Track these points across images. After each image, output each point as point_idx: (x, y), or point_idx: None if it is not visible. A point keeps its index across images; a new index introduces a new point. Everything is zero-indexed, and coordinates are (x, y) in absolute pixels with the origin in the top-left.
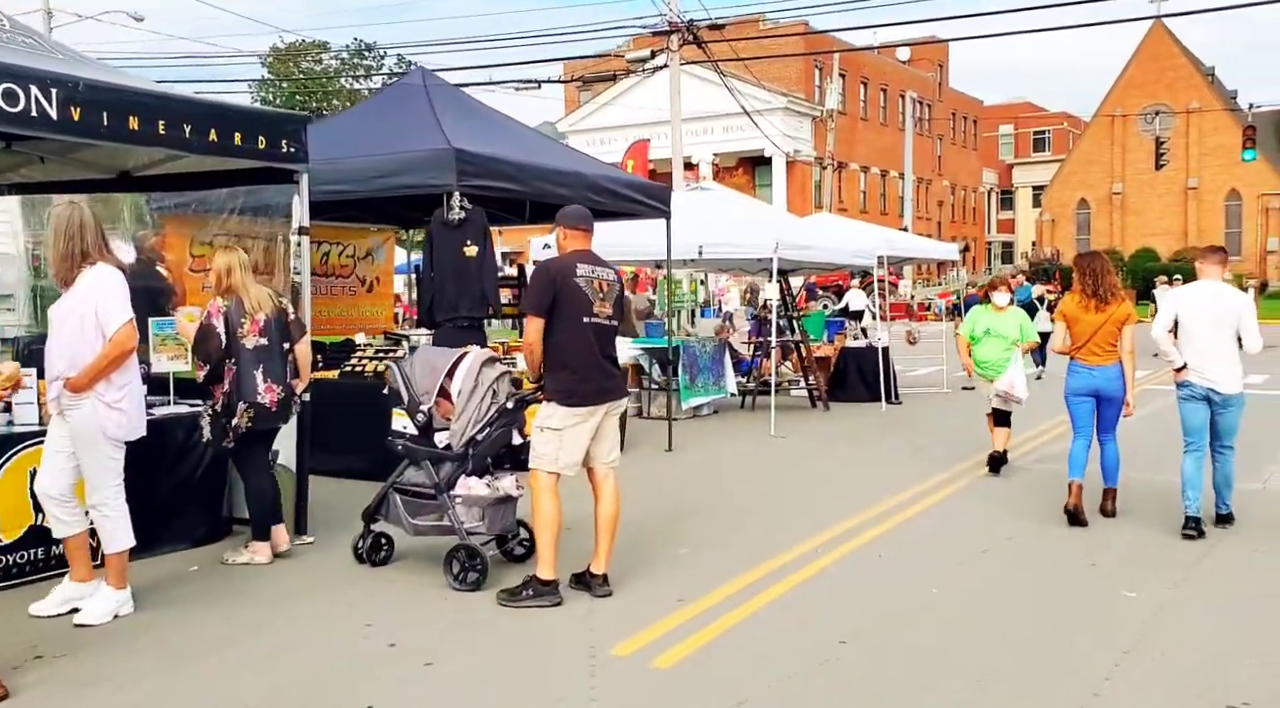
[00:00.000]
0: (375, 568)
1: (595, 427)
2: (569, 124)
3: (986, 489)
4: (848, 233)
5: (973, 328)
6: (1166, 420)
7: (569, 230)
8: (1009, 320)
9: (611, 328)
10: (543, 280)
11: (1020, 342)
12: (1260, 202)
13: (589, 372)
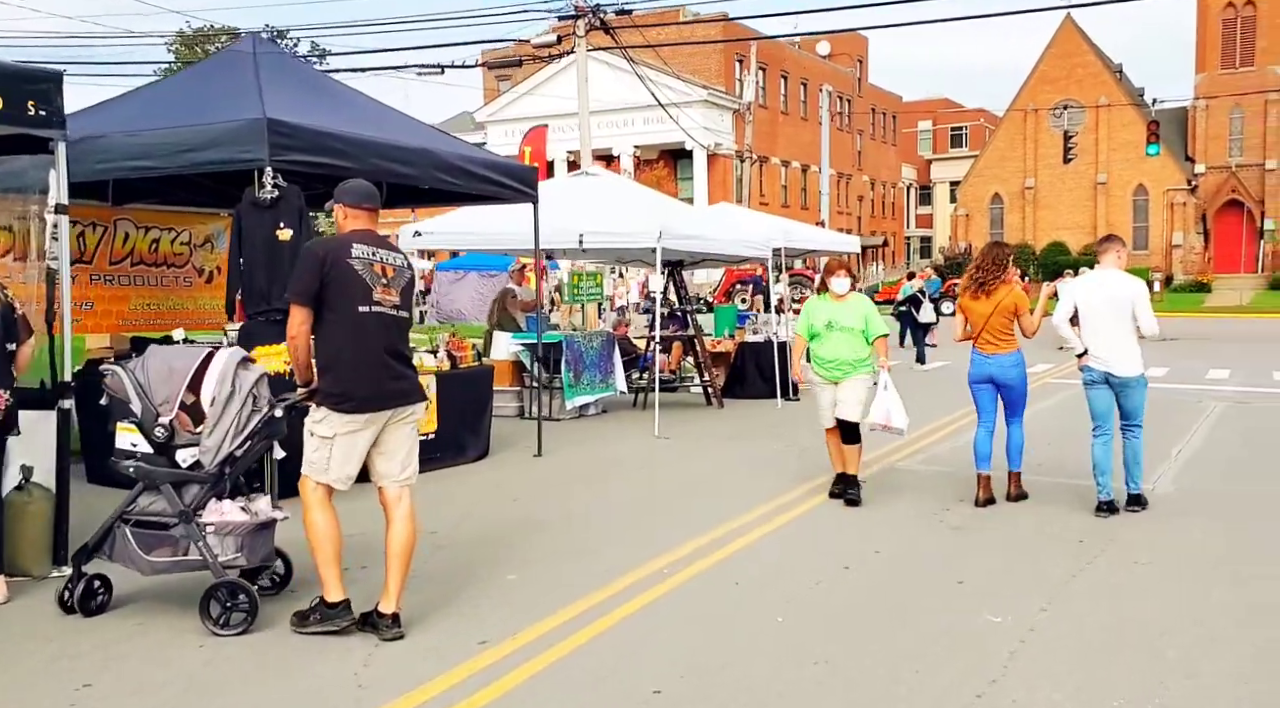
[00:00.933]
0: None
1: (374, 437)
2: (487, 114)
3: (871, 493)
4: (744, 224)
5: (810, 322)
6: (1072, 410)
7: (350, 209)
8: (852, 310)
9: (399, 320)
10: (309, 263)
11: (867, 335)
12: (1166, 197)
13: (366, 371)
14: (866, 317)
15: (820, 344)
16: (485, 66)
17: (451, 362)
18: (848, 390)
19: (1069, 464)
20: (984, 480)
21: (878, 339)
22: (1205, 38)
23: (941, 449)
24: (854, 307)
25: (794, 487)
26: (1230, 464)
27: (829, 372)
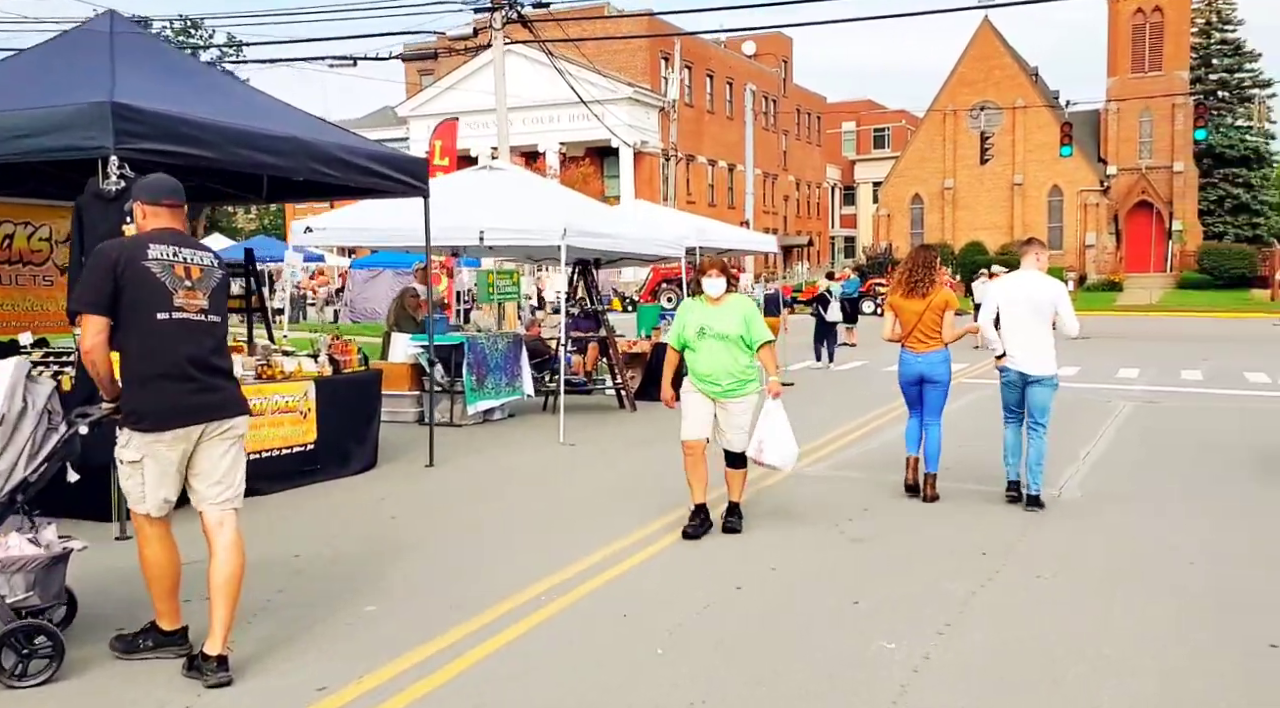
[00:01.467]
0: None
1: (184, 456)
2: (409, 108)
3: (773, 503)
4: (659, 222)
5: (680, 330)
6: (982, 412)
7: (148, 206)
8: (729, 315)
9: (207, 326)
10: (99, 266)
11: (749, 342)
12: (1079, 197)
13: (166, 385)
14: (746, 321)
15: (695, 356)
16: (400, 59)
17: (334, 366)
18: (732, 415)
19: (977, 468)
20: (913, 462)
21: (762, 348)
22: (1116, 43)
23: (852, 453)
24: (731, 310)
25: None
26: (1136, 467)
27: (708, 387)
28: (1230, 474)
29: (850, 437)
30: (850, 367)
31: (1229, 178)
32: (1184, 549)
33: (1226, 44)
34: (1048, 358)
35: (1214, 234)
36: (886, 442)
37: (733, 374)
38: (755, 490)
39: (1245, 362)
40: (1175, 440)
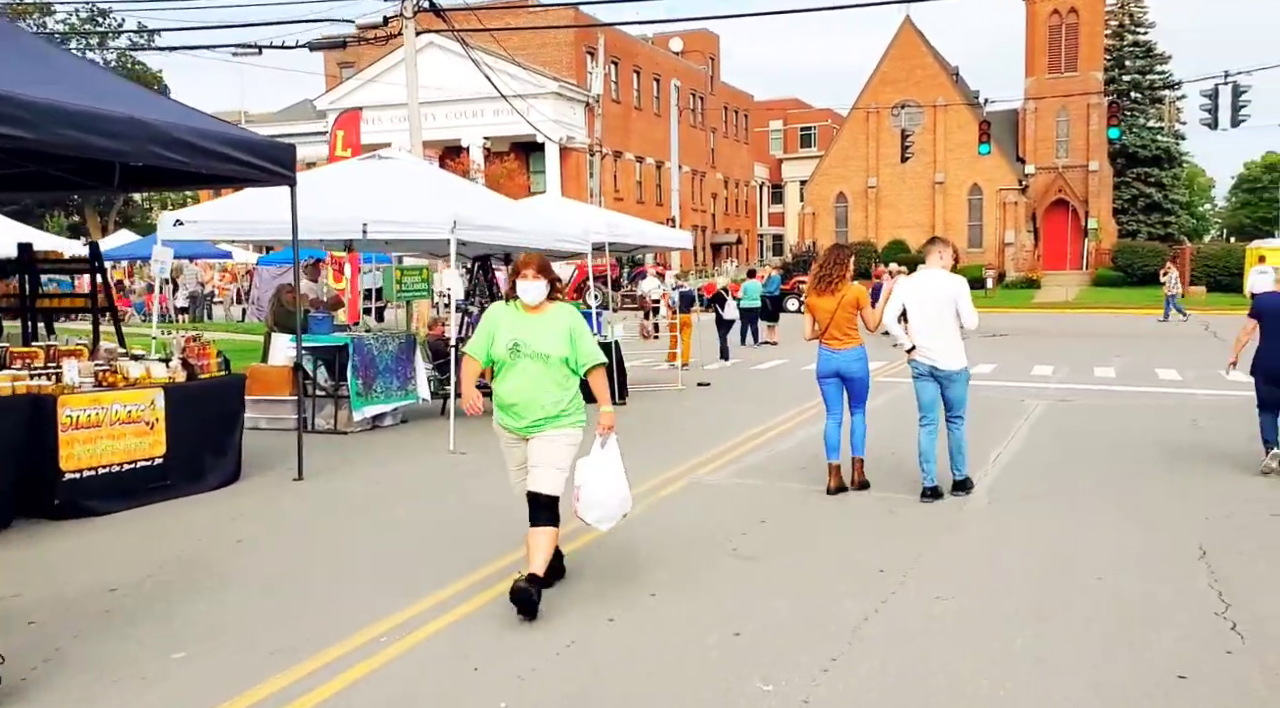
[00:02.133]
0: None
1: None
2: (329, 102)
3: (664, 519)
4: (566, 216)
5: (488, 344)
6: (896, 412)
7: None
8: (548, 329)
9: None
10: None
11: (573, 364)
12: (999, 196)
13: None
14: (572, 337)
15: (501, 380)
16: (308, 48)
17: (189, 372)
18: (542, 451)
19: (889, 471)
20: (834, 469)
21: (592, 372)
22: (1034, 43)
23: (758, 458)
24: (553, 323)
25: None
26: (1045, 471)
27: (514, 420)
28: (1139, 476)
29: (759, 440)
30: (769, 365)
31: (1142, 177)
32: (1091, 561)
33: (1139, 46)
34: (957, 352)
35: (1128, 232)
36: (797, 444)
37: (546, 407)
38: (646, 504)
39: (1157, 358)
40: (1085, 441)
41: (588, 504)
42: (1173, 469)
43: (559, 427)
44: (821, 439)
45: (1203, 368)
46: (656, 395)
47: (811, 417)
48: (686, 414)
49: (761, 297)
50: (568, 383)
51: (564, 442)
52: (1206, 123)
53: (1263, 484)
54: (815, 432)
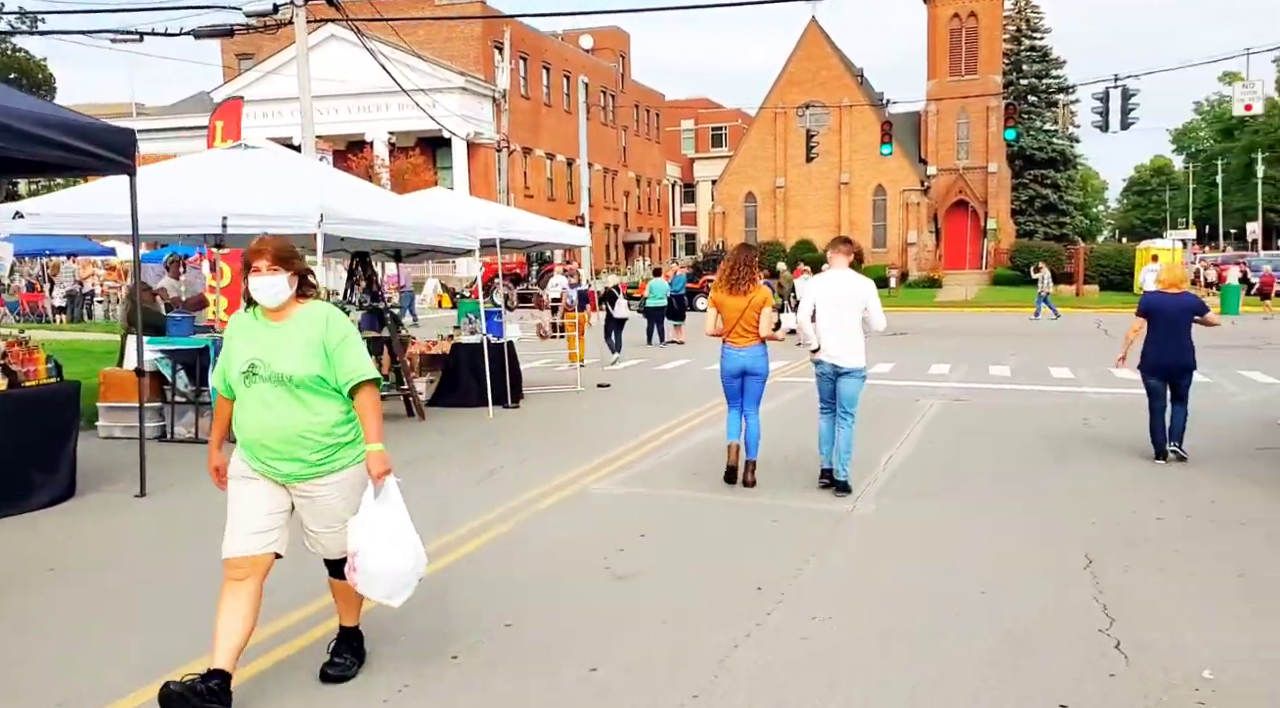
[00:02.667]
0: None
1: None
2: (225, 94)
3: (540, 530)
4: (450, 210)
5: (225, 367)
6: (790, 416)
7: None
8: (295, 340)
9: None
10: None
11: (334, 384)
12: (902, 197)
13: None
14: (324, 348)
15: (239, 411)
16: (193, 35)
17: (10, 378)
18: (318, 505)
19: (775, 477)
20: (734, 448)
21: (359, 390)
22: (935, 46)
23: (649, 464)
24: (300, 331)
25: (454, 528)
26: (936, 474)
27: (256, 457)
28: (1029, 479)
29: (652, 444)
30: (673, 365)
31: (1038, 179)
32: (977, 572)
33: (1035, 51)
34: (857, 351)
35: (1025, 232)
36: (691, 448)
37: (304, 440)
38: (521, 519)
39: (1050, 357)
40: (977, 444)
41: (370, 577)
42: (1062, 473)
43: (332, 468)
44: (714, 442)
45: (1094, 366)
46: (553, 397)
47: (710, 418)
48: (582, 417)
49: (669, 296)
50: (328, 411)
51: (342, 487)
52: (1098, 125)
53: (1149, 486)
54: (711, 434)
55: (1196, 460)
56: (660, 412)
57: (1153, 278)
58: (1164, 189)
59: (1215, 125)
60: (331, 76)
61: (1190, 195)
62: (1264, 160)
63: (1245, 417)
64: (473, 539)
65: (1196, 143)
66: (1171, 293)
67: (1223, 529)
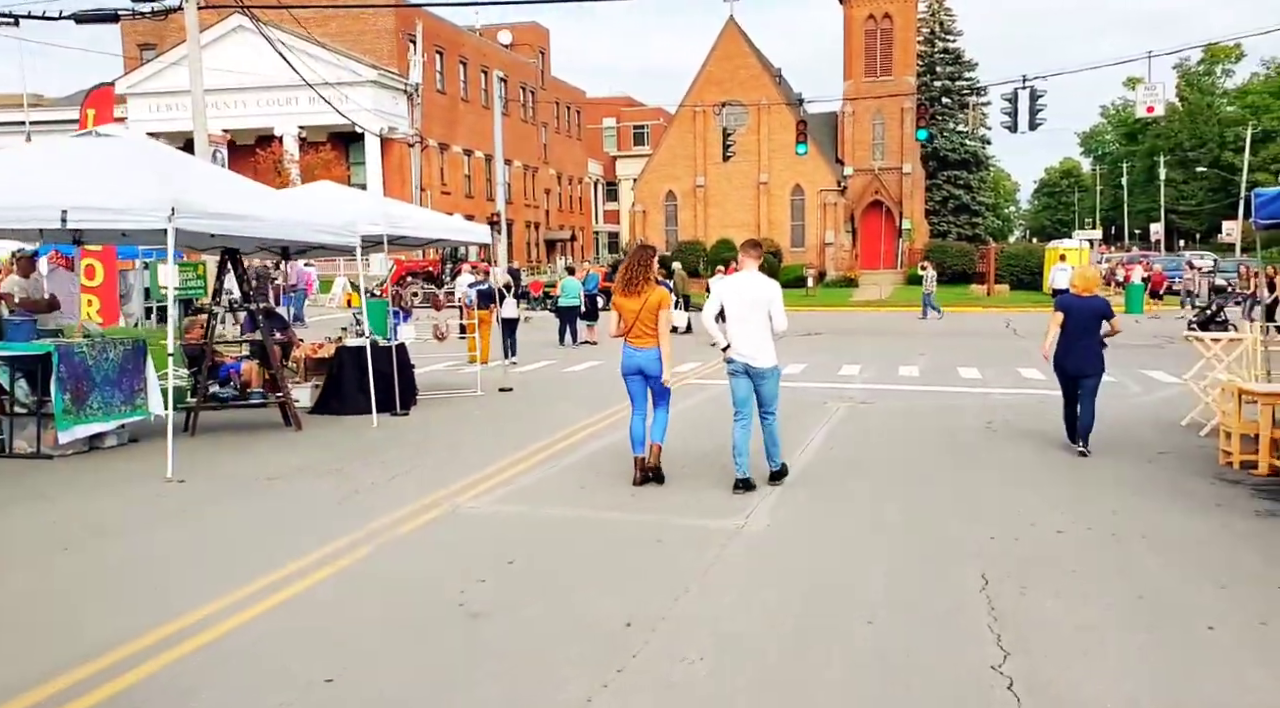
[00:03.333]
0: None
1: None
2: (128, 85)
3: (394, 560)
4: (329, 204)
5: None
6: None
7: None
8: None
9: None
10: None
11: None
12: (819, 197)
13: None
14: None
15: None
16: (74, 20)
17: None
18: None
19: (668, 485)
20: (639, 462)
21: None
22: (851, 47)
23: (535, 477)
24: None
25: (294, 559)
26: (833, 486)
27: None
28: (929, 489)
29: (544, 453)
30: (583, 367)
31: (952, 180)
32: (865, 599)
33: (948, 53)
34: (769, 351)
35: (939, 232)
36: (584, 458)
37: None
38: (378, 544)
39: (960, 357)
40: (879, 450)
41: None
42: (962, 481)
43: None
44: (609, 451)
45: (1001, 365)
46: (449, 403)
47: (612, 423)
48: (473, 424)
49: (582, 295)
50: None
51: None
52: (1006, 125)
53: (1049, 495)
54: (608, 442)
55: (1099, 466)
56: (559, 417)
57: (1063, 277)
58: (1073, 191)
59: (1120, 129)
60: (240, 68)
61: (1097, 197)
62: (1166, 163)
63: (1148, 417)
64: (312, 574)
65: (1103, 146)
66: (1084, 296)
67: (1123, 545)
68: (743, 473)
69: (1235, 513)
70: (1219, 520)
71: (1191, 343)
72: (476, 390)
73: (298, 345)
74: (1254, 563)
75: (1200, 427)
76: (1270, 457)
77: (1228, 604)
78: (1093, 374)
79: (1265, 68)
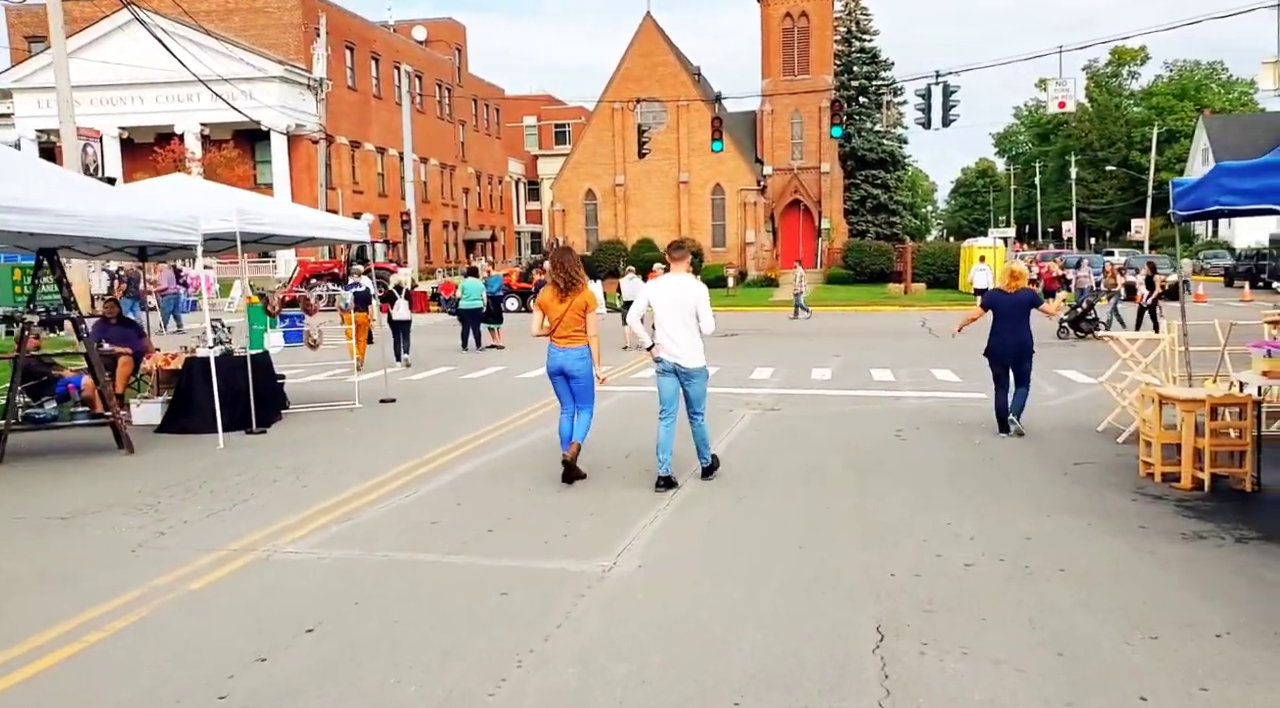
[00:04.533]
0: None
1: None
2: (13, 79)
3: (154, 634)
4: (168, 198)
5: None
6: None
7: None
8: None
9: None
10: None
11: None
12: (739, 196)
13: None
14: None
15: None
16: None
17: None
18: None
19: (527, 530)
20: (565, 458)
21: None
22: (769, 46)
23: (379, 511)
24: None
25: (48, 627)
26: (724, 514)
27: None
28: (828, 513)
29: (402, 480)
30: (483, 374)
31: (869, 179)
32: (740, 668)
33: (865, 52)
34: (697, 351)
35: (857, 232)
36: (443, 486)
37: None
38: (155, 608)
39: (873, 357)
40: (779, 467)
41: None
42: (867, 501)
43: None
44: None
45: (914, 366)
46: (319, 418)
47: (499, 437)
48: (334, 444)
49: (485, 296)
50: None
51: None
52: (920, 122)
53: (958, 519)
54: (484, 462)
55: (1012, 479)
56: (438, 432)
57: (983, 277)
58: (988, 190)
59: (1033, 129)
60: (139, 63)
61: (1012, 196)
62: (1077, 163)
63: (1064, 422)
64: (54, 651)
65: (1017, 146)
66: (1010, 291)
67: (1039, 582)
68: (665, 471)
69: (1160, 535)
70: (1144, 545)
71: (1106, 342)
72: (354, 403)
73: (149, 356)
74: (1186, 601)
75: (1118, 432)
76: (1193, 468)
77: (1160, 662)
78: (1026, 357)
79: (1169, 70)
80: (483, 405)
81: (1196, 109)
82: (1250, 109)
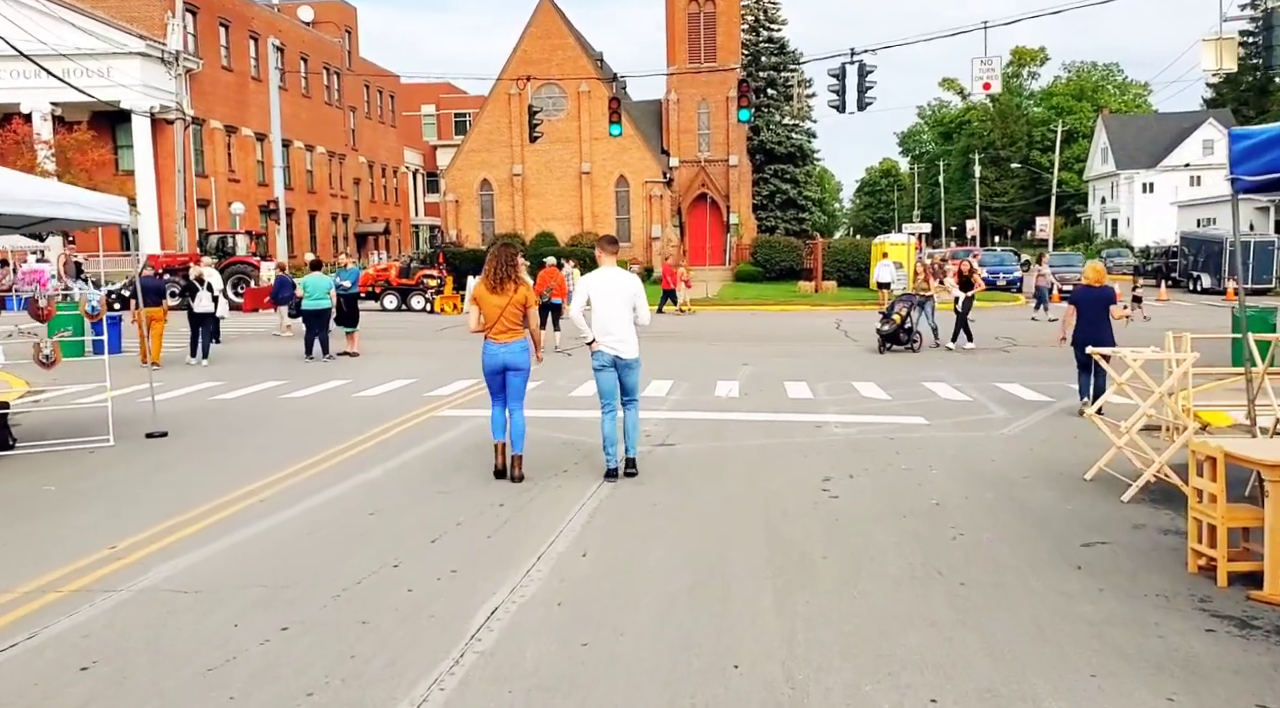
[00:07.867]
0: None
1: None
2: None
3: None
4: None
5: None
6: None
7: None
8: None
9: None
10: None
11: None
12: (645, 189)
13: None
14: None
15: None
16: None
17: None
18: None
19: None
20: (500, 447)
21: None
22: (674, 32)
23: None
24: None
25: None
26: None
27: None
28: (719, 623)
29: (201, 524)
30: (313, 391)
31: (779, 174)
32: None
33: (773, 43)
34: (633, 343)
35: (767, 227)
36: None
37: None
38: None
39: (788, 368)
40: (660, 545)
41: None
42: (793, 679)
43: None
44: (243, 550)
45: (835, 379)
46: (52, 460)
47: (293, 486)
48: (34, 511)
49: (336, 295)
50: None
51: None
52: (834, 105)
53: (934, 690)
54: (256, 533)
55: (1008, 593)
56: (206, 486)
57: (886, 272)
58: (893, 189)
59: (937, 128)
60: None
61: (916, 195)
62: (979, 161)
63: (1032, 464)
64: None
65: (921, 145)
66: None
67: None
68: (613, 464)
69: (1270, 696)
70: None
71: (1096, 359)
72: (108, 438)
73: None
74: None
75: (1113, 481)
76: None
77: None
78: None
79: (1067, 71)
80: (294, 438)
81: (1095, 109)
82: (1144, 110)
